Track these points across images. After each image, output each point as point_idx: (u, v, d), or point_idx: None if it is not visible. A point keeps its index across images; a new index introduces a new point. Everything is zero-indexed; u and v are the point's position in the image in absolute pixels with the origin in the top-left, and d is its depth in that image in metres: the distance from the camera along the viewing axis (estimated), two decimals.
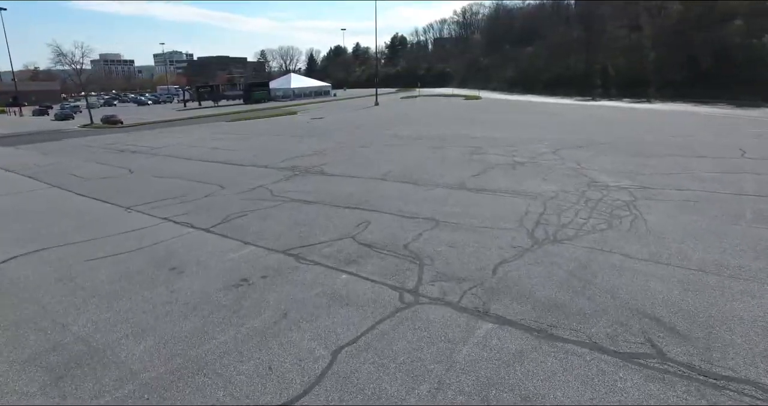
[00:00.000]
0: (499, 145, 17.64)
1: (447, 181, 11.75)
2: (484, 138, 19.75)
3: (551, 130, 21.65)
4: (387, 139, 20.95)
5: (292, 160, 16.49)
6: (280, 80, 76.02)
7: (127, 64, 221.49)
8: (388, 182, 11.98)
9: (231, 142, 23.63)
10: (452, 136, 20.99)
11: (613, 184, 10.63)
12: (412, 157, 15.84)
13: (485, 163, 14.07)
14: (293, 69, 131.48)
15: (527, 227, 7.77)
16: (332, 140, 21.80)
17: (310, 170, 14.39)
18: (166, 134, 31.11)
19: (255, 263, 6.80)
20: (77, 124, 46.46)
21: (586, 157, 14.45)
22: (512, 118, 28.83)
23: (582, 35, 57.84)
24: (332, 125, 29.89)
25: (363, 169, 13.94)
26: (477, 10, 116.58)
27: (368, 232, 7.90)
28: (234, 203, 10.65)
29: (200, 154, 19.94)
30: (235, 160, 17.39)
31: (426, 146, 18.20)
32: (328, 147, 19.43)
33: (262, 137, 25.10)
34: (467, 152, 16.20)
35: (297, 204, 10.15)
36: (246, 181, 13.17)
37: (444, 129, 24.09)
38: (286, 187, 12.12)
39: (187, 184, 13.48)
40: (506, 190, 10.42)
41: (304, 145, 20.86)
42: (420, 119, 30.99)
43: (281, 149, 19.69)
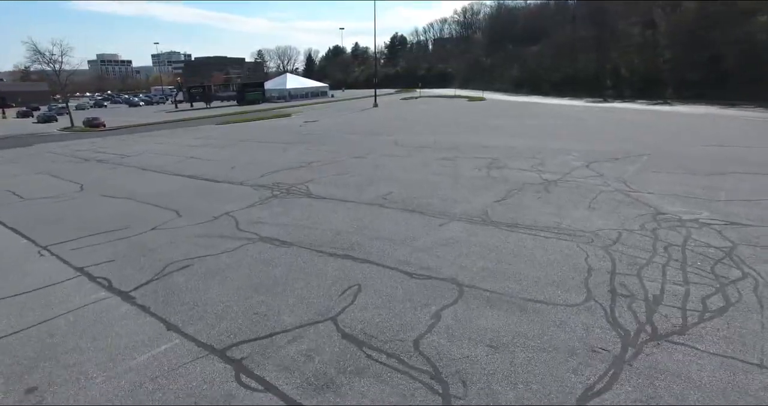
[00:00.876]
0: (520, 156, 14.98)
1: (464, 209, 9.08)
2: (500, 147, 17.08)
3: (574, 138, 18.98)
4: (386, 148, 18.29)
5: (275, 175, 13.82)
6: (275, 81, 73.17)
7: (125, 64, 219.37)
8: (387, 210, 9.31)
9: (211, 150, 20.97)
10: (461, 144, 18.33)
11: (687, 217, 7.95)
12: (416, 172, 13.17)
13: (509, 181, 11.39)
14: (291, 69, 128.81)
15: (601, 302, 5.09)
16: (324, 149, 19.13)
17: (293, 190, 11.72)
18: (145, 139, 28.46)
19: (166, 380, 4.12)
20: (58, 127, 43.85)
21: (631, 173, 11.79)
22: (526, 123, 26.16)
23: (591, 33, 55.17)
24: (326, 130, 27.23)
25: (357, 190, 11.27)
26: (478, 9, 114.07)
27: (358, 307, 5.22)
28: (183, 241, 7.98)
29: (172, 164, 17.28)
30: (208, 174, 14.73)
31: (432, 157, 15.53)
32: (318, 158, 16.76)
33: (246, 144, 22.44)
34: (483, 166, 13.53)
35: (265, 247, 7.47)
36: (211, 206, 10.50)
37: (451, 135, 21.43)
38: (259, 215, 9.45)
39: (138, 208, 10.81)
40: (547, 227, 7.74)
41: (292, 154, 18.19)
42: (422, 123, 28.32)
43: (264, 160, 17.02)
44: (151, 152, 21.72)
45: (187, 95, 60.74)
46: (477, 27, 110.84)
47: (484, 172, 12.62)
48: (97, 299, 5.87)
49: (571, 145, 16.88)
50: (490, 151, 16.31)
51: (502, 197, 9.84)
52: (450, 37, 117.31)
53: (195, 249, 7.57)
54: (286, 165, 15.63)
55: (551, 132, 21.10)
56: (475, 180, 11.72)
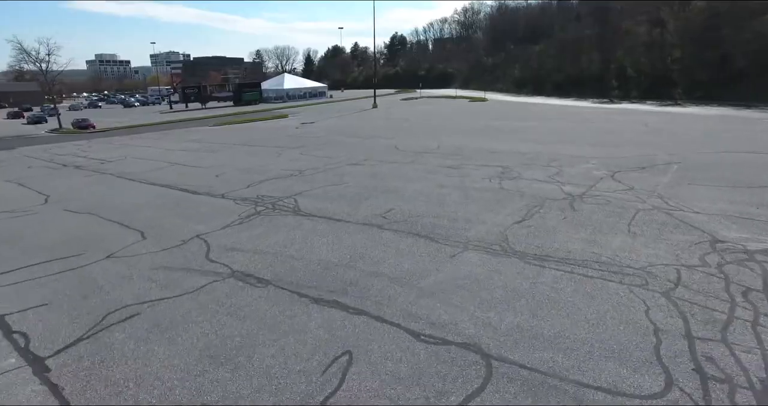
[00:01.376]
0: (533, 163, 13.53)
1: (479, 232, 7.62)
2: (509, 153, 15.63)
3: (588, 142, 17.53)
4: (386, 153, 16.83)
5: (262, 186, 12.37)
6: (272, 81, 71.56)
7: (123, 64, 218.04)
8: (387, 233, 7.85)
9: (198, 155, 19.50)
10: (467, 149, 16.88)
11: (755, 247, 6.50)
12: (419, 182, 11.71)
13: (526, 195, 9.93)
14: (289, 69, 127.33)
15: (688, 390, 3.63)
16: (319, 153, 17.68)
17: (280, 205, 10.26)
18: (132, 142, 27.00)
19: None
20: (47, 129, 42.37)
21: (665, 186, 10.34)
22: (533, 126, 24.71)
23: (596, 32, 53.71)
24: (322, 132, 25.77)
25: (353, 205, 9.81)
26: (479, 8, 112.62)
27: (346, 395, 3.76)
28: (138, 276, 6.53)
29: (152, 172, 15.83)
30: (188, 184, 13.28)
31: (436, 164, 14.08)
32: (311, 164, 15.30)
33: (237, 149, 20.98)
34: (494, 176, 12.07)
35: (235, 287, 6.02)
36: (183, 225, 9.04)
37: (454, 138, 19.98)
38: (236, 239, 7.99)
39: (101, 227, 9.37)
40: (585, 260, 6.29)
41: (284, 160, 16.73)
42: (424, 125, 26.87)
43: (253, 167, 15.57)
44: (134, 157, 20.26)
45: (181, 96, 59.10)
46: (477, 27, 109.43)
47: (495, 184, 11.17)
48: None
49: (587, 150, 15.43)
50: (498, 157, 14.85)
51: (521, 217, 8.38)
52: (450, 37, 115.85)
53: (149, 288, 6.11)
54: (276, 173, 14.18)
55: (562, 136, 19.65)
56: (486, 193, 10.27)
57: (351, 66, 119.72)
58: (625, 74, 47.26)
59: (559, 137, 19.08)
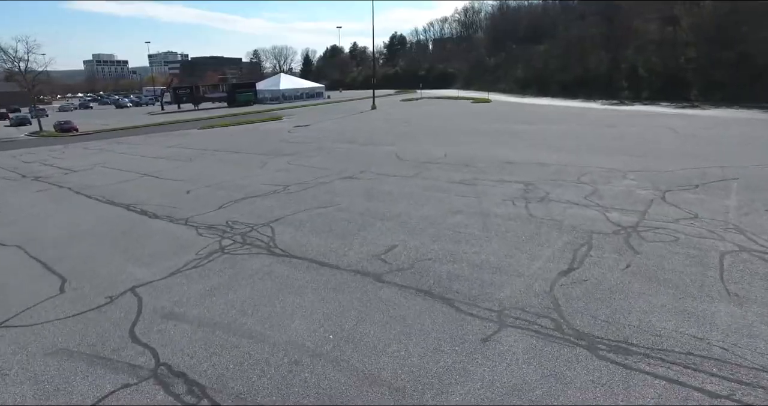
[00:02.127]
0: (560, 179, 11.40)
1: (516, 292, 5.48)
2: (528, 164, 13.50)
3: (618, 151, 15.40)
4: (386, 163, 14.70)
5: (236, 208, 10.23)
6: (268, 81, 69.20)
7: (121, 64, 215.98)
8: (387, 290, 5.72)
9: (176, 164, 17.38)
10: (478, 158, 14.74)
11: None
12: (427, 205, 9.57)
13: (565, 226, 7.79)
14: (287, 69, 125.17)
15: None
16: (310, 163, 15.55)
17: (252, 237, 8.13)
18: (111, 147, 24.89)
19: None
20: (28, 132, 40.21)
21: (737, 212, 8.20)
22: (547, 130, 22.58)
23: (603, 31, 51.58)
24: (317, 137, 23.64)
25: (343, 240, 7.67)
26: (479, 8, 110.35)
27: None
28: (14, 374, 4.39)
29: (117, 185, 13.74)
30: (151, 203, 11.16)
31: (445, 179, 11.94)
32: (299, 177, 13.16)
33: (220, 156, 18.84)
34: (517, 196, 9.94)
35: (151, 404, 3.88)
36: (118, 269, 6.91)
37: (462, 145, 17.85)
38: (181, 297, 5.86)
39: (18, 269, 7.25)
40: (689, 354, 4.13)
41: (269, 171, 14.60)
42: (426, 129, 24.73)
43: (233, 180, 13.44)
44: (106, 166, 18.14)
45: (173, 96, 56.90)
46: (478, 26, 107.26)
47: (521, 208, 9.03)
48: None
49: (620, 161, 13.30)
50: (517, 169, 12.72)
51: (568, 264, 6.24)
52: (451, 36, 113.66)
53: (19, 399, 3.96)
54: (257, 188, 12.04)
55: (583, 142, 17.50)
56: (513, 223, 8.13)
57: (350, 66, 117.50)
58: (636, 74, 45.13)
59: (581, 144, 16.94)
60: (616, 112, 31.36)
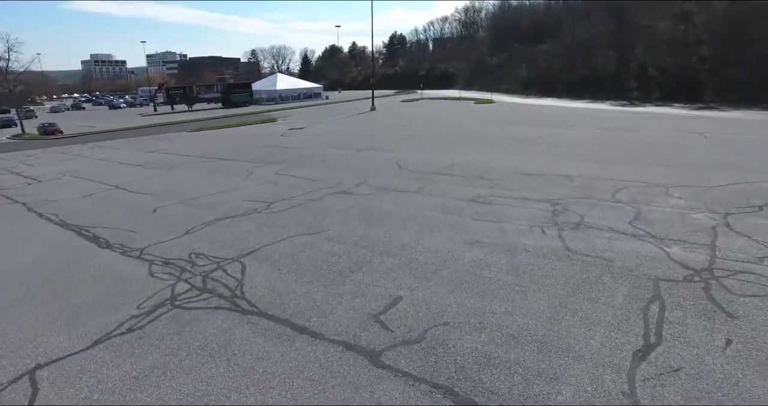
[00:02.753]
0: (592, 196, 9.62)
1: (579, 392, 3.70)
2: (550, 176, 11.73)
3: (649, 159, 13.62)
4: (386, 175, 12.94)
5: (204, 234, 8.47)
6: (265, 81, 67.25)
7: (119, 64, 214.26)
8: (390, 384, 3.94)
9: (152, 174, 15.63)
10: (491, 169, 12.97)
11: None
12: (438, 235, 7.79)
13: (617, 269, 6.01)
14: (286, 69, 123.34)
15: None
16: (300, 174, 13.78)
17: (216, 279, 6.36)
18: (89, 153, 23.13)
19: None
20: (10, 134, 38.41)
21: None
22: (561, 134, 20.80)
23: (610, 29, 49.81)
24: (311, 141, 21.87)
25: (330, 285, 5.90)
26: (480, 6, 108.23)
27: None
28: None
29: (79, 200, 12.01)
30: (108, 225, 9.42)
31: (456, 196, 10.17)
32: (286, 193, 11.39)
33: (203, 164, 17.08)
34: (546, 220, 8.17)
35: None
36: (28, 333, 5.17)
37: (471, 152, 16.08)
38: (96, 389, 4.09)
39: None
40: None
41: (252, 184, 12.83)
42: (430, 132, 22.96)
43: (209, 195, 11.67)
44: (77, 174, 16.40)
45: (165, 97, 55.06)
46: (479, 25, 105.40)
47: (555, 238, 7.26)
48: None
49: (656, 174, 11.52)
50: (538, 183, 10.95)
51: (642, 337, 4.44)
52: (451, 36, 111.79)
53: None
54: (236, 206, 10.27)
55: (606, 149, 15.73)
56: (548, 262, 6.36)
57: (349, 66, 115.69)
58: (646, 74, 43.37)
59: (604, 152, 15.16)
60: (630, 115, 29.58)
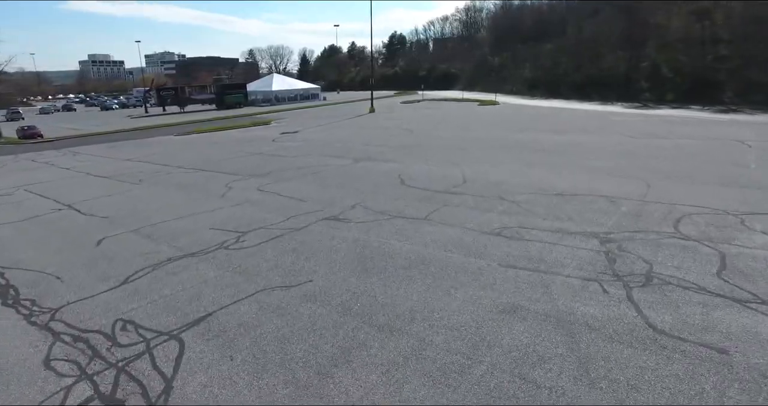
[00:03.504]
0: (652, 229, 7.51)
1: None
2: (586, 196, 9.61)
3: (702, 177, 11.52)
4: (386, 192, 10.83)
5: (144, 285, 6.35)
6: (260, 82, 65.05)
7: (117, 64, 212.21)
8: None
9: (117, 188, 13.54)
10: (510, 185, 10.87)
11: None
12: (460, 291, 5.69)
13: (736, 364, 3.94)
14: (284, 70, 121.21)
15: None
16: (283, 191, 11.67)
17: (131, 378, 4.25)
18: (59, 161, 21.03)
19: None
20: None
21: None
22: (582, 141, 18.68)
23: (620, 27, 47.72)
24: (303, 149, 19.78)
25: (303, 396, 3.80)
26: (481, 6, 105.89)
27: None
28: None
29: (14, 224, 9.91)
30: (29, 266, 7.35)
31: (474, 225, 8.06)
32: (264, 217, 9.28)
33: (177, 177, 14.99)
34: (603, 270, 6.05)
35: None
36: None
37: (483, 163, 13.99)
38: None
39: None
40: None
41: (227, 204, 10.72)
42: (434, 139, 20.87)
43: (171, 220, 9.56)
44: (32, 189, 14.31)
45: (156, 98, 52.94)
46: (480, 25, 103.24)
47: (624, 304, 5.15)
48: None
49: (715, 195, 9.41)
50: (575, 208, 8.84)
51: None
52: (451, 36, 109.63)
53: None
54: (199, 239, 8.16)
55: (643, 162, 13.57)
56: (629, 350, 4.25)
57: (348, 66, 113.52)
58: (659, 74, 41.27)
59: (642, 164, 13.02)
60: (649, 118, 27.48)
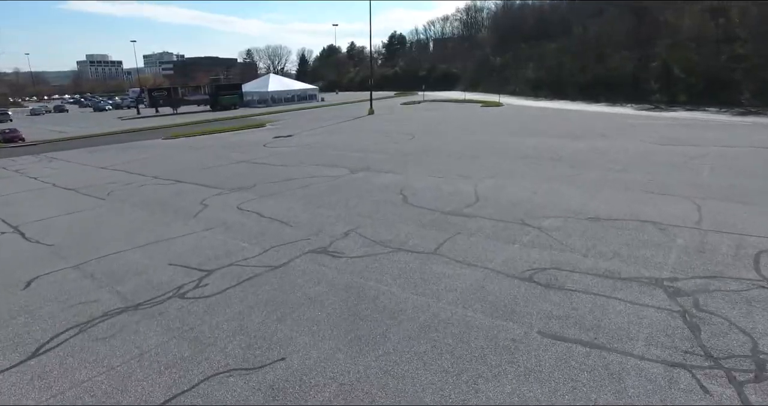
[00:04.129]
0: (728, 275, 5.76)
1: None
2: (632, 226, 7.86)
3: (763, 198, 9.82)
4: (385, 214, 9.09)
5: (55, 363, 4.59)
6: (256, 82, 63.24)
7: (115, 65, 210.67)
8: None
9: (78, 205, 11.81)
10: (535, 205, 9.14)
11: None
12: (491, 382, 3.96)
13: None
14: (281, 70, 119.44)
15: None
16: (265, 210, 9.93)
17: None
18: (30, 168, 19.30)
19: None
20: None
21: None
22: (608, 150, 16.90)
23: (628, 25, 46.03)
24: (295, 156, 18.04)
25: None
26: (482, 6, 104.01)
27: None
28: None
29: None
30: None
31: (499, 267, 6.34)
32: (234, 248, 7.54)
33: (147, 189, 13.25)
34: (682, 341, 4.31)
35: None
36: None
37: (498, 175, 12.25)
38: None
39: None
40: None
41: (196, 229, 8.97)
42: (438, 145, 19.12)
43: (124, 252, 7.81)
44: None
45: (148, 100, 51.18)
46: (481, 25, 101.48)
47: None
48: None
49: None
50: (619, 239, 7.08)
51: None
52: (452, 36, 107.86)
53: None
54: (147, 283, 6.39)
55: (685, 176, 11.82)
56: None
57: (347, 66, 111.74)
58: (670, 74, 39.56)
59: (682, 179, 11.24)
60: (668, 121, 25.74)
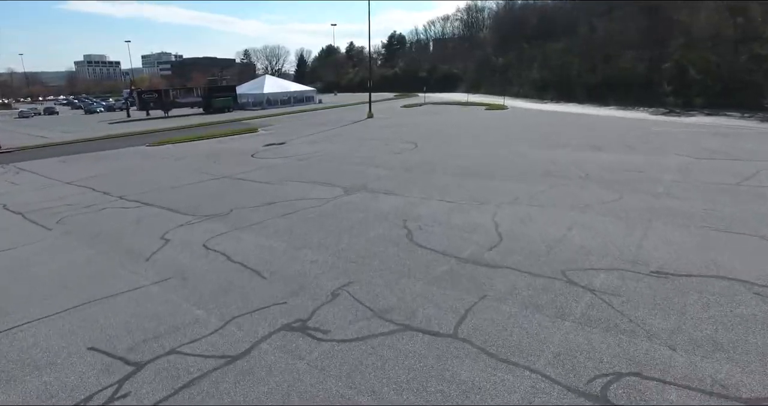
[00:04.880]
0: None
1: None
2: (718, 287, 5.84)
3: None
4: (386, 264, 7.08)
5: None
6: (251, 84, 61.16)
7: (113, 65, 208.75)
8: None
9: (12, 238, 9.75)
10: (577, 253, 7.16)
11: None
12: None
13: None
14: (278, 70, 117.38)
15: None
16: (235, 252, 7.91)
17: None
18: None
19: None
20: None
21: None
22: (644, 167, 14.98)
23: (640, 25, 44.07)
24: (284, 169, 16.03)
25: None
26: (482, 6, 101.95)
27: None
28: None
29: None
30: None
31: (550, 370, 4.34)
32: (185, 318, 5.53)
33: (104, 215, 11.23)
34: None
35: None
36: None
37: (519, 202, 10.26)
38: None
39: None
40: None
41: (142, 283, 6.93)
42: (444, 157, 17.09)
43: (35, 324, 5.74)
44: None
45: (138, 102, 49.16)
46: (482, 25, 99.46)
47: None
48: None
49: None
50: (699, 305, 5.05)
51: None
52: (452, 36, 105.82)
53: None
54: (39, 392, 4.39)
55: (752, 204, 9.87)
56: None
57: (346, 67, 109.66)
58: (685, 76, 37.56)
59: (753, 211, 9.21)
60: (693, 129, 23.72)
